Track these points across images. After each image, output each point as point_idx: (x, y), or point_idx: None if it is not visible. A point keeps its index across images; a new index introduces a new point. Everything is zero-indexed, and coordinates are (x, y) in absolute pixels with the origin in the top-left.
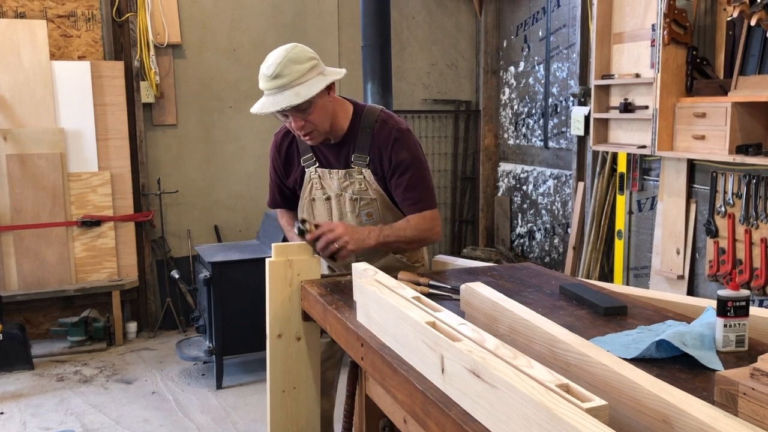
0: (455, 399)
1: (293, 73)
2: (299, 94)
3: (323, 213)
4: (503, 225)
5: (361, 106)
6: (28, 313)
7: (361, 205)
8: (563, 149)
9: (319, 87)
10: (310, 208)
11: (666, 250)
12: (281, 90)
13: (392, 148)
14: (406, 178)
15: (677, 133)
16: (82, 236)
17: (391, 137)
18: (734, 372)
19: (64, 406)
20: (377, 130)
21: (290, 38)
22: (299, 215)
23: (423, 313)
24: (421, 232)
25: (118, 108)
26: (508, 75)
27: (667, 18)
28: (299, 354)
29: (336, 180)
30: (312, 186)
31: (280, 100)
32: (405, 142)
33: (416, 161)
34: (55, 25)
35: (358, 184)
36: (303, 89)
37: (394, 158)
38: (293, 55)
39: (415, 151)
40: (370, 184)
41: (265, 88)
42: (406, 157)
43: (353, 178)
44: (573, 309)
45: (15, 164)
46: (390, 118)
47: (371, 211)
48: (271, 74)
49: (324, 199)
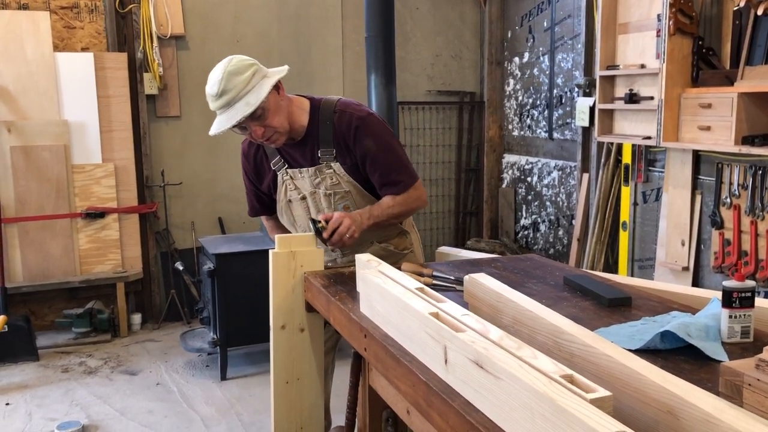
0: (458, 390)
1: (237, 84)
2: (249, 103)
3: (301, 213)
4: (507, 216)
5: (318, 99)
6: (33, 304)
7: (336, 200)
8: (568, 140)
9: (266, 90)
10: (288, 210)
11: (671, 242)
12: (231, 105)
13: (355, 138)
14: (378, 164)
15: (683, 124)
16: (86, 228)
17: (351, 126)
18: (739, 363)
19: (69, 397)
20: (337, 121)
21: (294, 29)
22: (281, 219)
23: (426, 304)
24: (408, 204)
25: (122, 100)
26: (512, 66)
27: (672, 8)
28: (303, 345)
29: (307, 178)
30: (286, 188)
31: (234, 115)
32: (367, 128)
33: (383, 144)
34: (59, 16)
35: (329, 179)
36: (251, 97)
37: (360, 147)
38: (232, 68)
39: (380, 133)
40: (342, 177)
41: (216, 108)
42: (372, 144)
43: (323, 173)
44: (577, 300)
45: (19, 156)
46: (347, 106)
47: (347, 203)
48: (216, 93)
49: (300, 199)
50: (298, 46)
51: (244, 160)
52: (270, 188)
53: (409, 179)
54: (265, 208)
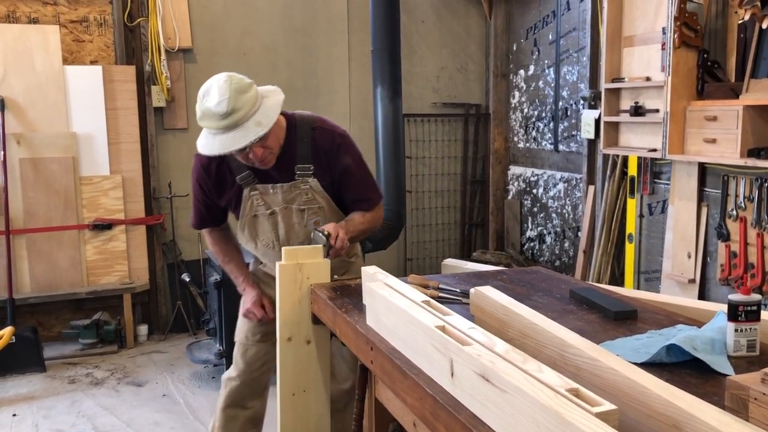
0: (465, 403)
1: (246, 104)
2: (261, 124)
3: (267, 228)
4: (513, 228)
5: (291, 115)
6: (40, 315)
7: (309, 215)
8: (573, 152)
9: (277, 111)
10: (252, 224)
11: (677, 254)
12: (239, 124)
13: (337, 154)
14: (353, 181)
15: (688, 137)
16: (93, 239)
17: (334, 143)
18: (745, 377)
19: (76, 408)
20: (317, 137)
21: (300, 42)
22: (240, 234)
23: (432, 317)
24: (373, 223)
25: (130, 112)
26: (518, 78)
27: (677, 21)
28: (309, 357)
29: (280, 194)
30: (252, 203)
31: (245, 135)
32: (346, 145)
33: (358, 163)
34: (68, 30)
35: (304, 195)
36: (262, 118)
37: (340, 164)
38: (237, 86)
39: (356, 152)
40: (317, 192)
41: (219, 127)
42: (350, 162)
43: (299, 189)
44: (583, 313)
45: (28, 168)
46: (326, 123)
47: (318, 218)
48: (224, 112)
49: (268, 215)
50: (305, 59)
51: (202, 173)
52: (230, 202)
53: (377, 197)
54: (214, 221)
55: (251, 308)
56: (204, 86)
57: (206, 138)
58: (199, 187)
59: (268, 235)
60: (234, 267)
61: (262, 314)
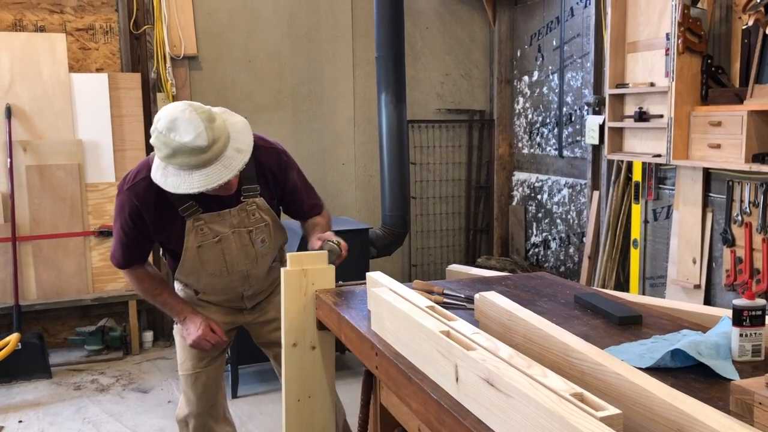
0: (469, 408)
1: (222, 133)
2: (241, 150)
3: (213, 257)
4: (518, 234)
5: None
6: (46, 322)
7: (256, 234)
8: (578, 158)
9: (250, 135)
10: (195, 256)
11: (682, 260)
12: (219, 156)
13: (284, 171)
14: (302, 194)
15: (692, 142)
16: (99, 246)
17: (280, 160)
18: (750, 381)
19: (82, 415)
20: (262, 157)
21: (305, 49)
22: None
23: (437, 322)
24: (330, 223)
25: (135, 119)
26: (522, 84)
27: (681, 27)
28: (314, 363)
29: (227, 219)
30: (196, 234)
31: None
32: (290, 162)
33: (301, 175)
34: (74, 38)
35: (252, 216)
36: (239, 144)
37: (288, 180)
38: (206, 116)
39: (297, 166)
40: (264, 211)
41: (195, 163)
42: (296, 176)
43: (246, 211)
44: (588, 318)
45: (34, 175)
46: (266, 141)
47: (265, 236)
48: (204, 145)
49: (215, 242)
50: (309, 66)
51: (138, 209)
52: (169, 237)
53: (321, 201)
54: (142, 258)
55: (202, 335)
56: (161, 120)
57: (177, 176)
58: (131, 224)
59: (215, 262)
60: (168, 297)
61: (216, 339)
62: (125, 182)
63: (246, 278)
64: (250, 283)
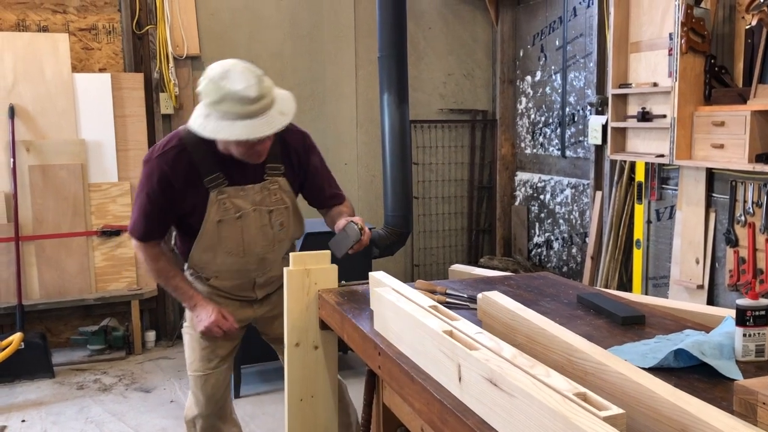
0: (472, 408)
1: (269, 92)
2: (284, 113)
3: (232, 233)
4: (520, 234)
5: None
6: (49, 321)
7: (275, 216)
8: (581, 158)
9: (294, 104)
10: (215, 231)
11: (685, 260)
12: (264, 111)
13: (307, 153)
14: (322, 180)
15: (695, 142)
16: (101, 246)
17: (305, 143)
18: (754, 381)
19: (84, 415)
20: (288, 137)
21: (307, 49)
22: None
23: (440, 322)
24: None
25: (138, 119)
26: (524, 84)
27: (684, 26)
28: (317, 363)
29: (250, 195)
30: (218, 207)
31: (268, 123)
32: (314, 146)
33: (323, 162)
34: (77, 38)
35: (273, 195)
36: (284, 107)
37: (309, 162)
38: (258, 73)
39: (320, 152)
40: (285, 192)
41: (242, 112)
42: (318, 162)
43: (269, 189)
44: (591, 318)
45: (37, 175)
46: (293, 124)
47: (283, 220)
48: (255, 96)
49: (235, 218)
50: (312, 66)
51: (168, 175)
52: (194, 208)
53: (342, 192)
54: (161, 233)
55: (214, 321)
56: (215, 68)
57: (218, 123)
58: (158, 190)
59: (233, 240)
60: (180, 281)
61: (228, 326)
62: (154, 151)
63: (261, 262)
64: (264, 268)
